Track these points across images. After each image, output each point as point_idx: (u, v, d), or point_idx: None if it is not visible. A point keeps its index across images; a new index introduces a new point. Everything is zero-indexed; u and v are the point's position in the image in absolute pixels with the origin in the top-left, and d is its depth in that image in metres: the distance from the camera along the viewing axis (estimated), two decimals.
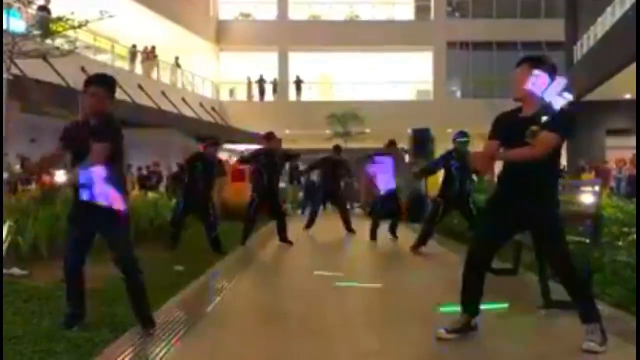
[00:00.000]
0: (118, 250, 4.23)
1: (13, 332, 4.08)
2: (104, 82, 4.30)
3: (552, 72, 3.85)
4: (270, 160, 9.61)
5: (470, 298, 4.06)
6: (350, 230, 11.53)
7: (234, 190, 14.84)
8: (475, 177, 8.82)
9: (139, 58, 23.86)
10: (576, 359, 3.75)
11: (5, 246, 6.65)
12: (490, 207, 4.24)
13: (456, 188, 8.48)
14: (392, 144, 11.09)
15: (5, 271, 6.20)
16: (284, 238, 9.83)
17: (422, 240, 8.83)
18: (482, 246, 4.11)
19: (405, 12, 32.55)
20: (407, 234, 11.27)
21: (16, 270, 6.32)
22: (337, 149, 12.29)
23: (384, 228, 10.65)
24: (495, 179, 4.38)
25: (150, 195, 13.05)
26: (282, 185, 20.57)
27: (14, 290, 5.45)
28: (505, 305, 4.81)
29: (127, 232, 4.34)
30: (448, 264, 8.03)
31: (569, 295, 4.01)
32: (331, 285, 6.40)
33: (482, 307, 4.12)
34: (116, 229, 4.21)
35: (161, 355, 3.75)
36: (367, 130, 26.09)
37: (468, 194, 8.58)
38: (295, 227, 14.14)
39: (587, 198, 5.26)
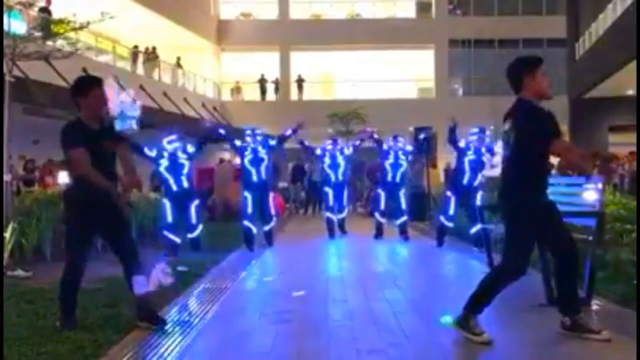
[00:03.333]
0: (129, 241, 4.39)
1: (17, 333, 4.11)
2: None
3: None
4: (255, 155, 9.43)
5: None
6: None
7: (236, 189, 14.84)
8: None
9: (140, 58, 23.87)
10: (578, 354, 3.76)
11: (8, 248, 6.67)
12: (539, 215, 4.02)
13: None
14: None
15: (9, 273, 6.23)
16: (270, 241, 9.61)
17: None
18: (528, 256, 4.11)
19: (407, 9, 32.52)
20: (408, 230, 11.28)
21: (20, 272, 6.34)
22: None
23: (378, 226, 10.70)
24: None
25: (153, 195, 13.05)
26: (284, 184, 20.70)
27: (18, 292, 5.48)
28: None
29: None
30: (451, 262, 8.05)
31: (565, 288, 4.07)
32: (333, 283, 6.41)
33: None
34: (123, 221, 4.40)
35: (165, 355, 3.77)
36: (369, 129, 26.08)
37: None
38: (296, 224, 14.18)
39: (590, 195, 5.25)
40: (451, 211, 9.07)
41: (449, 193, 9.23)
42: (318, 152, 11.43)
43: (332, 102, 28.40)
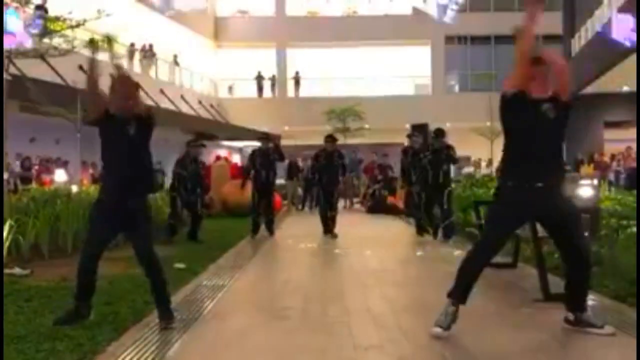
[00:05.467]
0: (143, 246, 4.37)
1: (15, 331, 4.11)
2: None
3: None
4: (265, 159, 10.49)
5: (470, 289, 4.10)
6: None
7: (233, 187, 14.84)
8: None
9: (137, 56, 23.82)
10: (575, 351, 3.78)
11: (6, 245, 6.67)
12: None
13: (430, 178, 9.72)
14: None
15: (6, 271, 6.23)
16: (271, 231, 10.70)
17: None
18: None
19: (403, 6, 32.47)
20: (405, 227, 11.33)
21: (17, 270, 6.34)
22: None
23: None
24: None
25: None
26: (281, 181, 20.68)
27: (16, 290, 5.48)
28: None
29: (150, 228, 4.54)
30: (449, 258, 8.06)
31: (576, 285, 4.09)
32: (331, 280, 6.43)
33: None
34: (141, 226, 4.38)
35: (163, 352, 3.78)
36: (366, 126, 26.08)
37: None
38: (293, 221, 14.19)
39: (586, 191, 5.29)
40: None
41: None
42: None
43: (328, 99, 28.39)
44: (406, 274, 7.08)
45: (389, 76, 30.88)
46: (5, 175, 7.49)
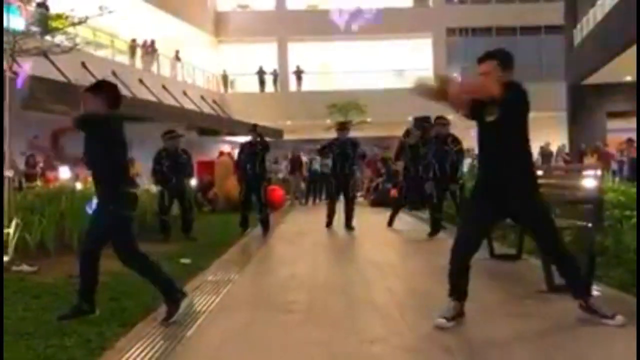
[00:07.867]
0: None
1: (24, 327, 4.15)
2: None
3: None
4: (252, 151, 10.26)
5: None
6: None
7: (237, 182, 14.85)
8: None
9: (139, 52, 23.84)
10: (578, 342, 3.81)
11: (12, 243, 6.71)
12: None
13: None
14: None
15: (14, 268, 6.28)
16: (266, 228, 10.35)
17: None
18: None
19: None
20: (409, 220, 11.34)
21: (25, 267, 6.39)
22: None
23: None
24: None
25: (154, 188, 13.08)
26: (284, 175, 20.70)
27: (24, 287, 5.52)
28: None
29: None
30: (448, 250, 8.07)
31: (562, 274, 4.20)
32: (335, 274, 6.46)
33: None
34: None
35: (171, 347, 3.81)
36: (368, 119, 26.07)
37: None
38: (296, 216, 14.22)
39: (589, 182, 5.30)
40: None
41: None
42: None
43: (330, 93, 28.38)
44: (409, 267, 7.11)
45: (391, 69, 30.81)
46: (11, 173, 7.50)
